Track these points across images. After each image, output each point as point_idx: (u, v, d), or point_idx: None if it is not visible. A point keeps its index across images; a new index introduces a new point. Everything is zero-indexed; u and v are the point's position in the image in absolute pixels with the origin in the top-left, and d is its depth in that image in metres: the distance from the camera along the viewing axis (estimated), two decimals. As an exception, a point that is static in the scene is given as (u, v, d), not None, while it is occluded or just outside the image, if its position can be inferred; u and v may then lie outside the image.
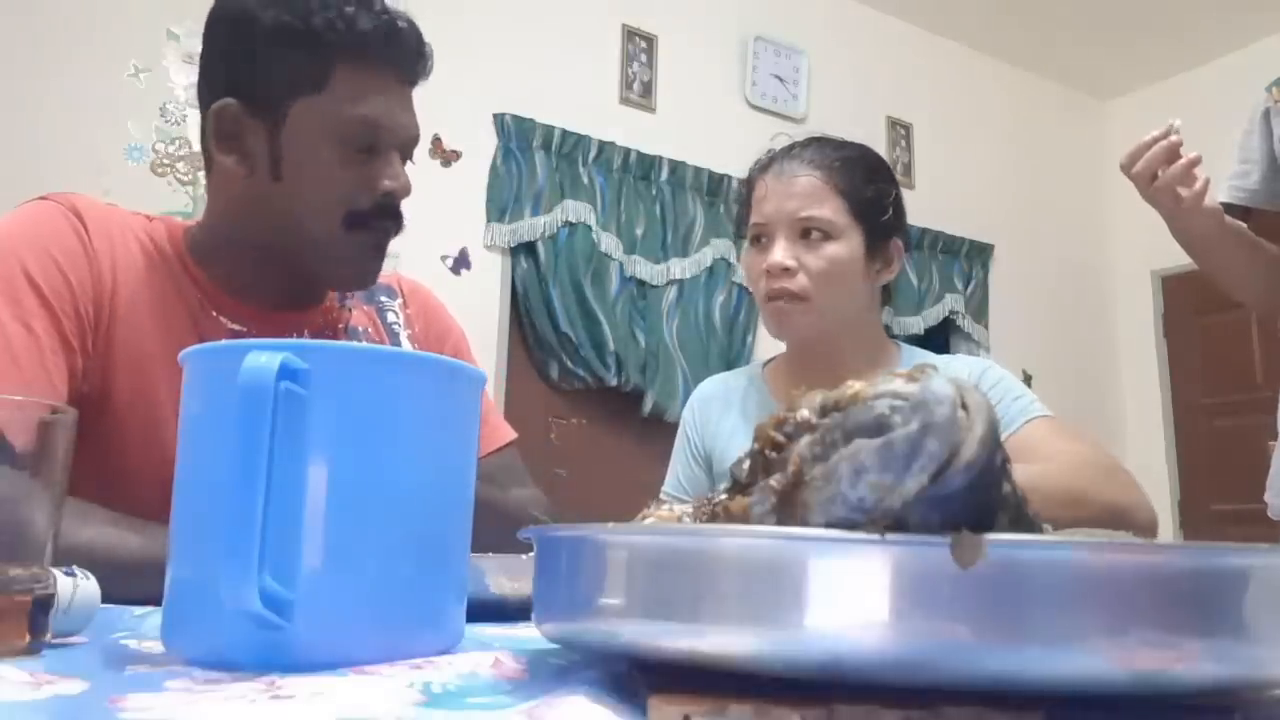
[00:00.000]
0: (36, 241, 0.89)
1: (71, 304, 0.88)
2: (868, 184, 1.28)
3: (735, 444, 1.31)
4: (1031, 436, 1.18)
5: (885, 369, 1.28)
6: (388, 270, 1.20)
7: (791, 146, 1.31)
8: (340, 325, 1.06)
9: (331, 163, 0.93)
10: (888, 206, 1.29)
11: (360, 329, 1.07)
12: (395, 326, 1.10)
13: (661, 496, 1.38)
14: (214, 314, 0.96)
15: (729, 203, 3.84)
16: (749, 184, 1.33)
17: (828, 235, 1.24)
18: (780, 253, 1.23)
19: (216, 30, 0.96)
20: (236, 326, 0.96)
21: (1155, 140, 1.20)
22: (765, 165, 1.31)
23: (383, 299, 1.12)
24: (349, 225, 0.94)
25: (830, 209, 1.24)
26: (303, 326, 1.01)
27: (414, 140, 0.99)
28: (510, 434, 1.17)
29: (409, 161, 1.00)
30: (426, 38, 0.99)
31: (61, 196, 0.94)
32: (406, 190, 0.97)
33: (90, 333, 0.89)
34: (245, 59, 0.94)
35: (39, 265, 0.87)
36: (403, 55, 0.96)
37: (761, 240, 1.27)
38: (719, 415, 1.36)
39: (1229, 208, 1.38)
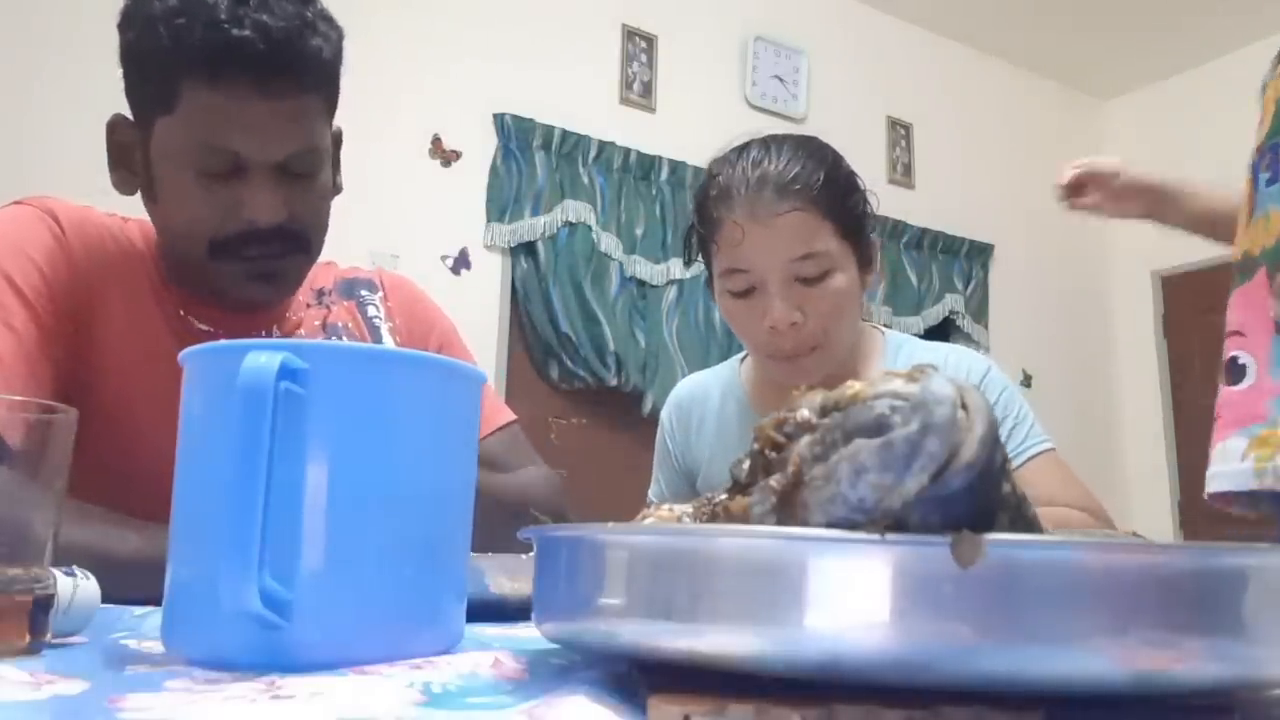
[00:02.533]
0: (14, 245, 0.89)
1: (52, 304, 0.89)
2: (848, 195, 1.13)
3: (715, 455, 1.25)
4: (1031, 475, 1.11)
5: (870, 360, 1.22)
6: (368, 267, 1.20)
7: (749, 163, 1.11)
8: (317, 322, 1.05)
9: (189, 188, 0.87)
10: (866, 210, 1.15)
11: (340, 324, 1.07)
12: (376, 320, 1.10)
13: (648, 503, 1.35)
14: (183, 314, 0.96)
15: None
16: (706, 218, 1.14)
17: (825, 272, 1.09)
18: (783, 308, 1.08)
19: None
20: (205, 327, 0.96)
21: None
22: (727, 196, 1.10)
23: (363, 293, 1.12)
24: (213, 254, 0.89)
25: (823, 240, 1.09)
26: (271, 324, 1.01)
27: (296, 154, 0.89)
28: (510, 415, 1.15)
29: (312, 168, 0.91)
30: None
31: (37, 200, 0.95)
32: (273, 217, 0.88)
33: (71, 332, 0.90)
34: (124, 75, 0.91)
35: (18, 267, 0.88)
36: (255, 68, 0.84)
37: (746, 289, 1.11)
38: (696, 425, 1.29)
39: None
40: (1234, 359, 0.96)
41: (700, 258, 1.22)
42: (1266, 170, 0.98)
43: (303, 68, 0.87)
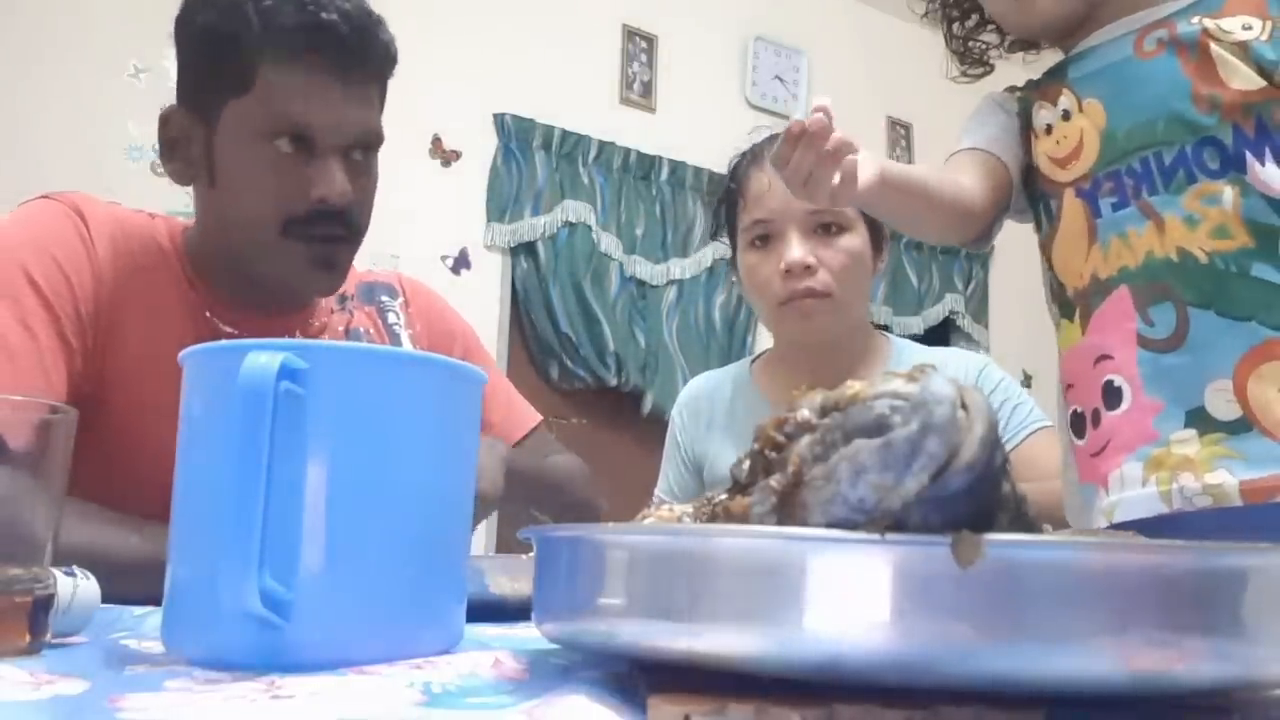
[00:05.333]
0: (38, 241, 0.89)
1: (72, 304, 0.88)
2: None
3: (724, 449, 1.29)
4: (1034, 449, 1.18)
5: (877, 363, 1.26)
6: (387, 270, 1.20)
7: (777, 138, 1.25)
8: (340, 328, 1.05)
9: (262, 167, 0.89)
10: None
11: (362, 330, 1.07)
12: (396, 327, 1.10)
13: (654, 500, 1.37)
14: (208, 315, 0.96)
15: (729, 203, 3.83)
16: (737, 180, 1.27)
17: (842, 227, 1.20)
18: (799, 250, 1.17)
19: (174, 31, 0.95)
20: (230, 329, 0.96)
21: (799, 133, 0.94)
22: (757, 159, 1.24)
23: (384, 299, 1.12)
24: (286, 233, 0.90)
25: None
26: (294, 328, 1.00)
27: (362, 138, 0.93)
28: (536, 417, 1.17)
29: (368, 158, 0.95)
30: (393, 28, 0.95)
31: (64, 196, 0.94)
32: (344, 196, 0.91)
33: (89, 332, 0.89)
34: (185, 64, 0.93)
35: (40, 265, 0.87)
36: (336, 50, 0.89)
37: (767, 240, 1.22)
38: (707, 419, 1.33)
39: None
40: (1109, 383, 0.95)
41: (725, 239, 1.32)
42: (1111, 195, 0.96)
43: (376, 55, 0.93)
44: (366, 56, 0.92)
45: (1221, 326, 0.88)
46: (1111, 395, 0.96)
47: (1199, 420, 0.89)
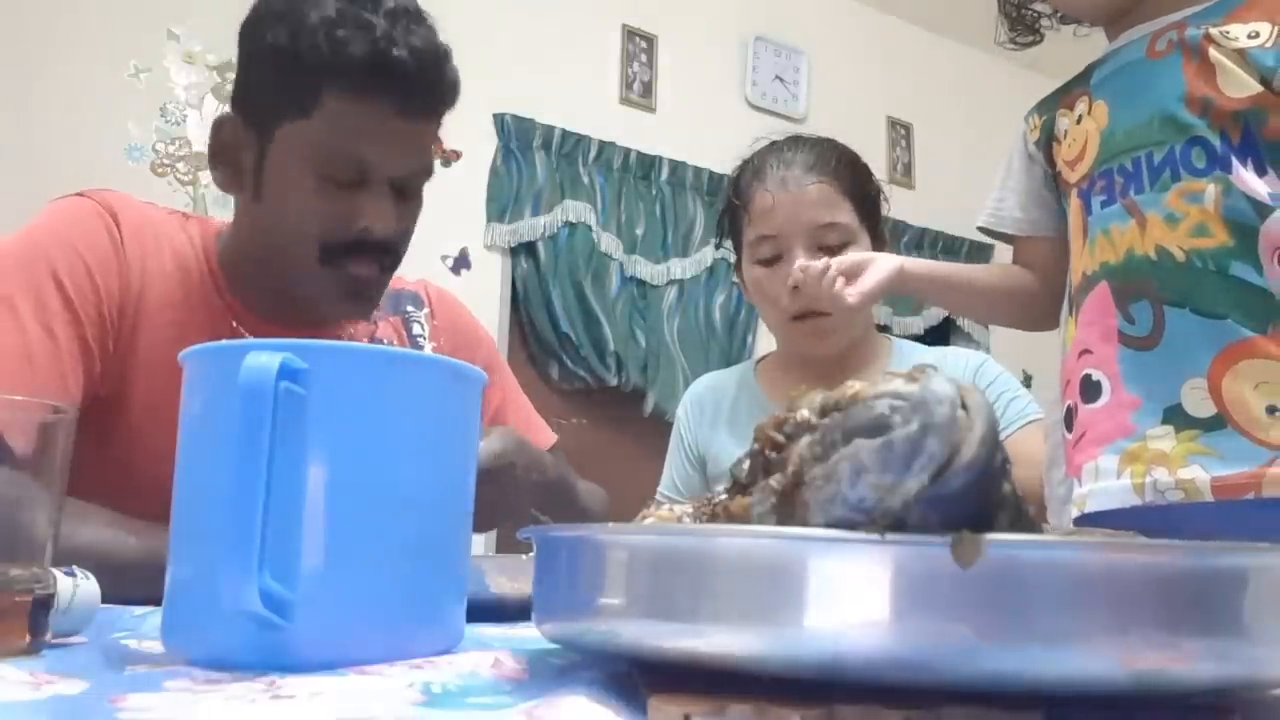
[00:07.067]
0: (68, 242, 0.88)
1: (96, 308, 0.88)
2: (866, 183, 1.27)
3: (728, 445, 1.31)
4: (1027, 440, 1.20)
5: (878, 363, 1.29)
6: (413, 278, 1.18)
7: (779, 149, 1.27)
8: (365, 338, 1.05)
9: (309, 192, 0.89)
10: (880, 203, 1.30)
11: (386, 340, 1.06)
12: (420, 339, 1.09)
13: (657, 497, 1.38)
14: (234, 325, 0.95)
15: (729, 203, 3.83)
16: (740, 193, 1.28)
17: (846, 242, 1.22)
18: (806, 264, 1.16)
19: (239, 39, 0.94)
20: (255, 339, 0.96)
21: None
22: (760, 173, 1.25)
23: (409, 308, 1.11)
24: (324, 260, 0.90)
25: (844, 214, 1.22)
26: (320, 338, 1.00)
27: (414, 174, 0.93)
28: (551, 437, 1.16)
29: (417, 185, 0.95)
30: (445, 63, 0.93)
31: (98, 194, 0.93)
32: (387, 230, 0.91)
33: (112, 337, 0.89)
34: (247, 75, 0.93)
35: (67, 266, 0.87)
36: (402, 88, 0.88)
37: (773, 256, 1.23)
38: (712, 415, 1.36)
39: (988, 233, 1.24)
40: (1088, 376, 0.96)
41: (729, 243, 1.34)
42: (1101, 194, 0.98)
43: (440, 94, 0.92)
44: (430, 94, 0.91)
45: (1197, 325, 0.89)
46: (1090, 389, 0.97)
47: (1176, 417, 0.90)
